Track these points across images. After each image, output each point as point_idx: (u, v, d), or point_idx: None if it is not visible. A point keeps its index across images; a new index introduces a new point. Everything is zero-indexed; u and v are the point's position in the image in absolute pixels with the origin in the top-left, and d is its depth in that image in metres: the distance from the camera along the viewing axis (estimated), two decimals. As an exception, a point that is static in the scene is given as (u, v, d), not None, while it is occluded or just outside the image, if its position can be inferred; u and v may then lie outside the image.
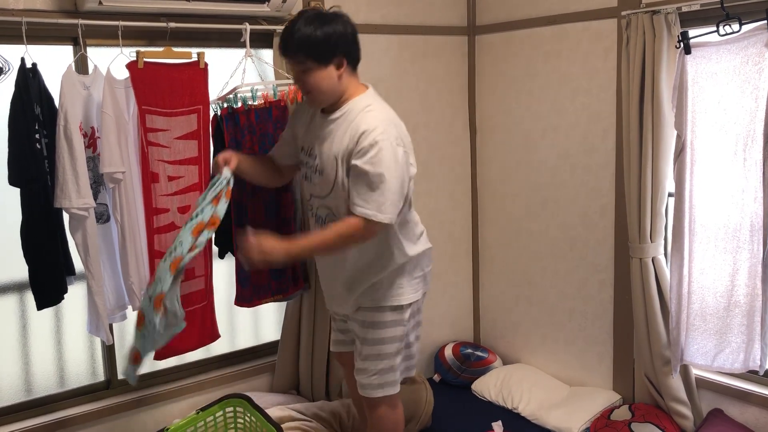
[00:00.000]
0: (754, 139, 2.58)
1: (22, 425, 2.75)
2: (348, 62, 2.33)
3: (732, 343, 2.73)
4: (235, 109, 2.81)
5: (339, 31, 2.28)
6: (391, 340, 2.51)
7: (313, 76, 2.29)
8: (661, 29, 2.74)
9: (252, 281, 2.92)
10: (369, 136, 2.25)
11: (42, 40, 2.62)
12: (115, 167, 2.54)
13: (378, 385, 2.53)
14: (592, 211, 3.34)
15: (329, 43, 2.26)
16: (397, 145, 2.28)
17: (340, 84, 2.33)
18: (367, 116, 2.31)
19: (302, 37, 2.24)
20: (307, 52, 2.26)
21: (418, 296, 2.55)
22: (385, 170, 2.24)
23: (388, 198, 2.25)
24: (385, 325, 2.50)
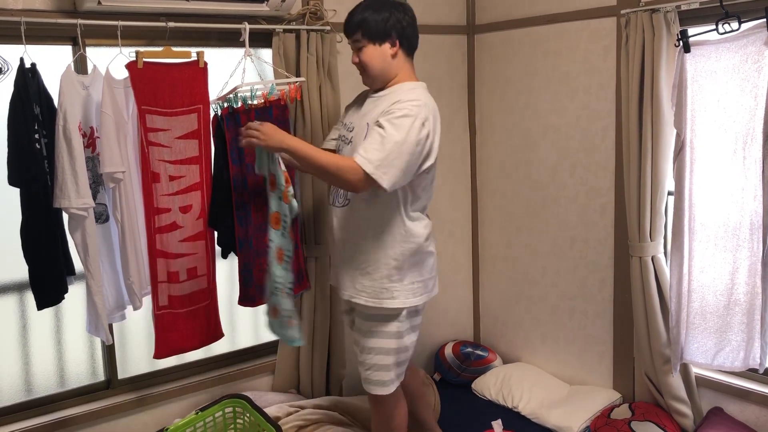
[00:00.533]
0: (754, 137, 2.58)
1: (22, 425, 2.75)
2: (401, 45, 2.47)
3: (732, 342, 2.73)
4: (236, 108, 2.81)
5: (395, 16, 2.44)
6: (386, 335, 2.53)
7: (367, 53, 2.46)
8: (661, 28, 2.75)
9: (255, 281, 2.92)
10: (403, 104, 2.35)
11: (41, 40, 2.62)
12: (115, 167, 2.54)
13: (373, 381, 2.56)
14: (592, 210, 3.34)
15: (385, 24, 2.43)
16: (423, 125, 2.34)
17: (392, 64, 2.47)
18: (409, 93, 2.42)
19: (360, 18, 2.44)
20: (364, 30, 2.44)
21: (417, 302, 2.54)
22: (401, 136, 2.29)
23: (391, 161, 2.27)
24: (376, 318, 2.52)
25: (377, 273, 2.49)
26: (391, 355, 2.54)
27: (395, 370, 2.57)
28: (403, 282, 2.49)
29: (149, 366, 3.11)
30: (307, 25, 3.11)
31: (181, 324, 2.78)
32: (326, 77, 3.16)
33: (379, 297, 2.49)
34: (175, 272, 2.74)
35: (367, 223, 2.49)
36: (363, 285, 2.52)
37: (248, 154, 2.81)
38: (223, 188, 2.83)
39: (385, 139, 2.28)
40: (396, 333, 2.53)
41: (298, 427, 3.01)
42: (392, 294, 2.49)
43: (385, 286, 2.49)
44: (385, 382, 2.56)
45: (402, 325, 2.53)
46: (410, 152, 2.31)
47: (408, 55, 2.52)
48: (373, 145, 2.29)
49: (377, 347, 2.54)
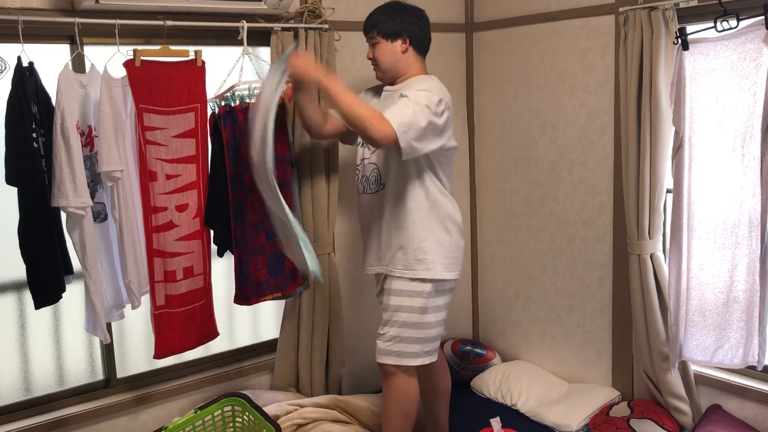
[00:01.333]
0: (752, 135, 2.57)
1: (21, 424, 2.75)
2: (411, 44, 2.68)
3: (731, 339, 2.73)
4: (233, 107, 2.80)
5: (409, 19, 2.68)
6: (408, 310, 2.66)
7: (380, 49, 2.69)
8: (659, 25, 2.74)
9: (251, 279, 2.91)
10: (421, 84, 2.58)
11: (39, 38, 2.61)
12: (113, 166, 2.54)
13: (388, 351, 2.68)
14: (591, 207, 3.34)
15: (398, 23, 2.66)
16: (440, 101, 2.54)
17: (402, 60, 2.69)
18: (423, 80, 2.64)
19: (377, 18, 2.70)
20: (379, 28, 2.67)
21: (449, 276, 2.69)
22: (421, 103, 2.48)
23: (411, 124, 2.45)
24: (403, 293, 2.68)
25: (412, 246, 2.66)
26: (414, 329, 2.66)
27: (417, 345, 2.67)
28: (437, 254, 2.66)
29: (148, 365, 3.10)
30: (306, 23, 3.10)
31: (178, 324, 2.78)
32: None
33: (414, 268, 2.66)
34: (172, 271, 2.74)
35: (401, 203, 2.67)
36: (399, 260, 2.69)
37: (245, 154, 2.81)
38: (219, 187, 2.82)
39: (409, 105, 2.48)
40: (420, 308, 2.65)
41: (298, 425, 3.01)
42: (427, 265, 2.65)
43: (418, 258, 2.65)
44: (403, 354, 2.67)
45: (428, 300, 2.65)
46: (427, 121, 2.49)
47: (419, 54, 2.73)
48: (399, 108, 2.48)
49: (401, 320, 2.66)
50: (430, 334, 2.69)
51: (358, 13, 3.37)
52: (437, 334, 2.73)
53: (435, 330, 2.71)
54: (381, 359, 2.71)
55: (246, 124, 2.82)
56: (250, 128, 2.53)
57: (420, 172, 2.65)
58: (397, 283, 2.70)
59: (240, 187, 2.83)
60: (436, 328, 2.71)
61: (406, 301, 2.67)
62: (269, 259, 2.95)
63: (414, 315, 2.66)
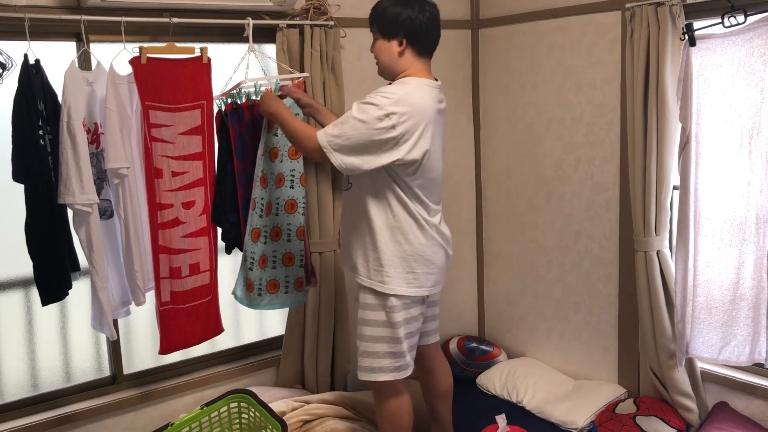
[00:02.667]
0: (760, 131, 2.56)
1: (28, 420, 2.77)
2: (409, 43, 2.51)
3: (738, 336, 2.72)
4: (239, 104, 2.80)
5: (408, 15, 2.48)
6: (371, 324, 2.57)
7: (377, 46, 2.57)
8: (666, 21, 2.73)
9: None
10: (377, 93, 2.43)
11: (45, 36, 2.62)
12: (119, 163, 2.54)
13: (363, 367, 2.60)
14: (597, 204, 3.33)
15: (395, 21, 2.49)
16: (387, 117, 2.38)
17: (398, 60, 2.53)
18: (395, 86, 2.48)
19: (376, 11, 2.55)
20: (377, 24, 2.55)
21: (409, 293, 2.55)
22: (361, 120, 2.39)
23: (345, 140, 2.40)
24: (366, 307, 2.59)
25: (371, 254, 2.56)
26: (382, 342, 2.56)
27: (388, 359, 2.56)
28: (395, 268, 2.53)
29: (154, 361, 3.12)
30: (311, 20, 3.10)
31: (184, 320, 2.78)
32: (330, 72, 3.16)
33: (372, 278, 2.56)
34: (178, 268, 2.74)
35: (363, 207, 2.56)
36: (360, 265, 2.60)
37: (252, 150, 2.82)
38: (227, 184, 2.83)
39: (348, 120, 2.41)
40: (386, 321, 2.55)
41: (303, 421, 3.02)
42: (382, 278, 2.53)
43: (375, 269, 2.55)
44: (373, 369, 2.58)
45: (394, 315, 2.54)
46: (366, 138, 2.39)
47: (419, 53, 2.54)
48: (337, 122, 2.45)
49: (368, 334, 2.58)
50: (401, 349, 2.56)
51: (363, 10, 3.34)
52: (410, 347, 2.61)
53: (407, 343, 2.58)
54: (358, 375, 2.63)
55: (251, 121, 2.83)
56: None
57: (379, 182, 2.50)
58: (361, 295, 2.60)
59: (248, 184, 2.83)
60: (407, 341, 2.58)
61: (370, 315, 2.57)
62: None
63: (379, 329, 2.56)
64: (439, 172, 2.62)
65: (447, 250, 2.67)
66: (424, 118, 2.45)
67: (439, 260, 2.62)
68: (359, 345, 2.61)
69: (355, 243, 2.61)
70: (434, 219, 2.61)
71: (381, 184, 2.51)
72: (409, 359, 2.62)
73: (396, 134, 2.39)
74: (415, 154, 2.44)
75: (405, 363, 2.60)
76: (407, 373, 2.63)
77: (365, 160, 2.42)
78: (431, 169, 2.54)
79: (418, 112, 2.43)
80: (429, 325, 2.81)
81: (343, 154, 2.42)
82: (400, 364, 2.58)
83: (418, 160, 2.46)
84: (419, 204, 2.55)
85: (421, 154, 2.46)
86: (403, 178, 2.49)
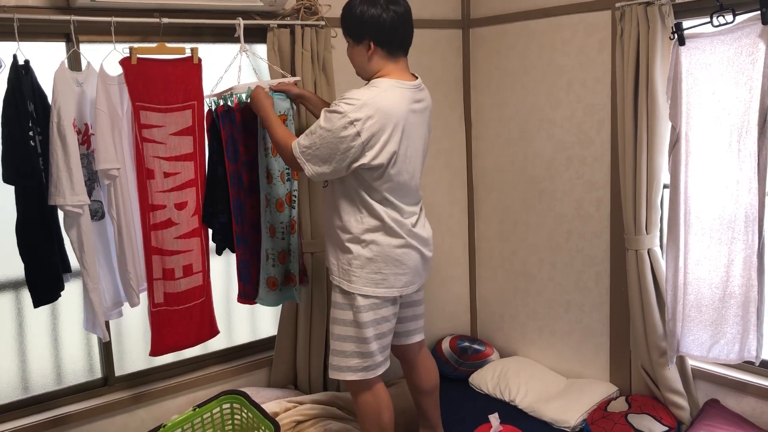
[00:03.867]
0: (749, 130, 2.58)
1: (19, 423, 2.75)
2: (377, 45, 2.47)
3: (727, 334, 2.74)
4: (231, 106, 2.80)
5: (371, 15, 2.43)
6: (340, 323, 2.59)
7: (349, 51, 2.56)
8: (655, 20, 2.74)
9: (252, 279, 2.91)
10: (341, 100, 2.41)
11: (34, 36, 2.61)
12: (110, 164, 2.53)
13: (332, 366, 2.62)
14: (588, 203, 3.34)
15: (359, 24, 2.46)
16: (352, 124, 2.37)
17: (370, 64, 2.51)
18: (360, 91, 2.44)
19: (342, 13, 2.52)
20: (344, 28, 2.54)
21: (377, 293, 2.54)
22: (326, 128, 2.40)
23: (314, 150, 2.42)
24: (335, 305, 2.62)
25: (341, 254, 2.58)
26: (349, 342, 2.57)
27: (355, 359, 2.57)
28: (363, 269, 2.53)
29: (146, 363, 3.11)
30: (302, 20, 3.10)
31: (177, 321, 2.78)
32: (321, 72, 3.16)
33: (341, 277, 2.58)
34: (171, 269, 2.74)
35: (335, 208, 2.59)
36: (332, 262, 2.63)
37: (243, 152, 2.81)
38: (218, 185, 2.82)
39: (316, 130, 2.43)
40: (353, 321, 2.55)
41: (296, 422, 3.02)
42: (350, 277, 2.55)
43: (344, 268, 2.57)
44: (340, 368, 2.59)
45: (361, 315, 2.54)
46: (333, 146, 2.40)
47: (390, 53, 2.49)
48: (307, 132, 2.46)
49: (336, 333, 2.60)
50: (369, 349, 2.55)
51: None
52: (381, 347, 2.60)
53: (376, 343, 2.57)
54: (329, 373, 2.65)
55: (242, 123, 2.82)
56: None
57: (347, 185, 2.51)
58: (333, 293, 2.63)
59: (239, 186, 2.83)
60: (377, 342, 2.57)
61: (338, 313, 2.59)
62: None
63: (347, 328, 2.56)
64: (412, 174, 2.58)
65: (422, 251, 2.64)
66: (391, 122, 2.42)
67: (411, 261, 2.60)
68: (331, 343, 2.64)
69: (329, 242, 2.66)
70: (408, 221, 2.58)
71: (348, 187, 2.52)
72: (380, 359, 2.61)
73: (362, 140, 2.38)
74: (381, 159, 2.42)
75: (374, 363, 2.59)
76: (377, 373, 2.62)
77: (333, 169, 2.44)
78: (400, 172, 2.51)
79: (384, 116, 2.40)
80: (410, 325, 2.81)
81: (314, 164, 2.44)
82: (368, 364, 2.58)
83: (384, 165, 2.44)
84: (389, 207, 2.53)
85: (387, 159, 2.43)
86: (369, 183, 2.48)
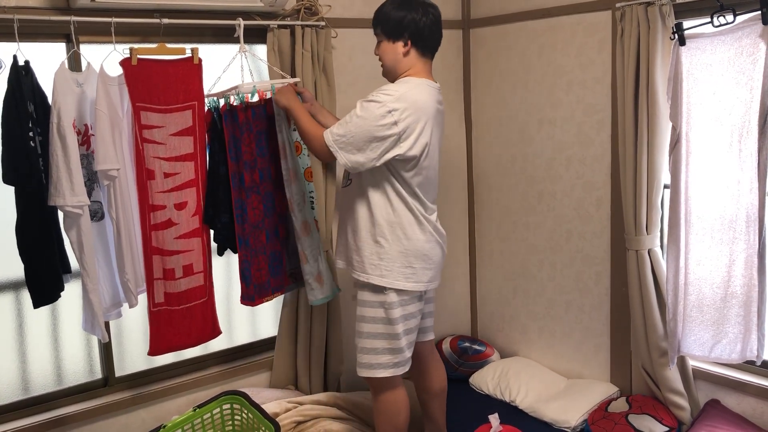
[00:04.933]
0: (749, 130, 2.58)
1: (19, 424, 2.75)
2: (414, 44, 2.57)
3: (729, 334, 2.73)
4: (234, 106, 2.79)
5: (412, 17, 2.55)
6: (370, 320, 2.61)
7: (382, 47, 2.62)
8: (656, 20, 2.74)
9: (253, 280, 2.91)
10: (378, 92, 2.51)
11: (34, 37, 2.61)
12: (109, 164, 2.53)
13: (362, 364, 2.64)
14: (588, 203, 3.34)
15: (400, 23, 2.55)
16: (389, 113, 2.45)
17: (402, 61, 2.59)
18: (396, 85, 2.55)
19: (381, 13, 2.60)
20: (381, 26, 2.60)
21: (407, 287, 2.59)
22: (364, 118, 2.46)
23: (349, 139, 2.48)
24: (364, 303, 2.63)
25: (370, 248, 2.59)
26: (380, 339, 2.60)
27: (386, 356, 2.60)
28: (395, 262, 2.57)
29: (146, 363, 3.10)
30: (302, 20, 3.10)
31: (177, 321, 2.77)
32: (321, 73, 3.15)
33: (371, 273, 2.59)
34: (171, 269, 2.73)
35: (363, 203, 2.61)
36: (358, 260, 2.63)
37: (245, 152, 2.81)
38: (219, 185, 2.82)
39: (351, 119, 2.49)
40: (384, 318, 2.58)
41: (297, 422, 3.01)
42: (381, 271, 2.57)
43: (374, 263, 2.59)
44: (372, 365, 2.62)
45: (392, 311, 2.58)
46: (370, 135, 2.45)
47: (423, 54, 2.61)
48: (341, 122, 2.52)
49: (366, 331, 2.62)
50: (399, 345, 2.60)
51: (354, 10, 3.36)
52: (408, 343, 2.65)
53: (405, 339, 2.62)
54: (357, 371, 2.67)
55: (245, 123, 2.82)
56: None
57: (377, 177, 2.56)
58: (359, 292, 2.65)
59: (241, 187, 2.83)
60: (406, 337, 2.62)
61: (368, 311, 2.61)
62: (270, 259, 2.95)
63: (378, 326, 2.60)
64: (436, 171, 2.67)
65: (443, 248, 2.72)
66: (424, 115, 2.52)
67: (436, 257, 2.67)
68: (358, 342, 2.64)
69: (354, 238, 2.65)
70: (432, 216, 2.67)
71: (381, 180, 2.56)
72: (408, 355, 2.66)
73: (398, 130, 2.46)
74: (415, 150, 2.50)
75: (404, 359, 2.64)
76: (405, 369, 2.66)
77: (369, 157, 2.48)
78: (429, 166, 2.61)
79: (418, 109, 2.49)
80: (425, 322, 2.84)
81: (348, 153, 2.49)
82: (398, 360, 2.62)
83: (418, 156, 2.53)
84: (417, 201, 2.60)
85: (420, 150, 2.52)
86: (402, 174, 2.55)
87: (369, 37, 3.38)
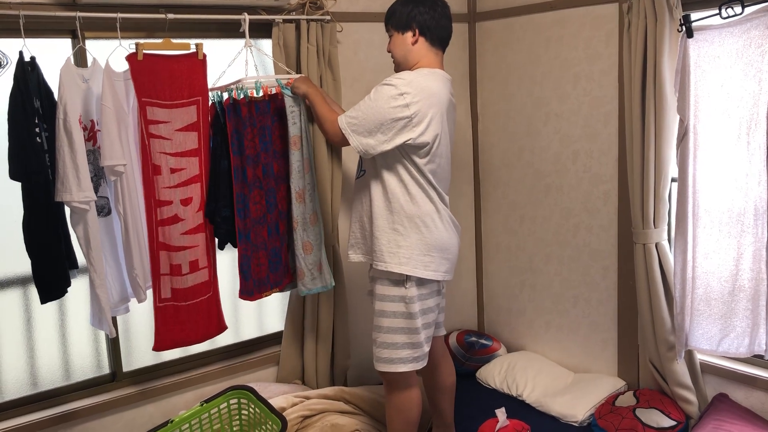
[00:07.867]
0: (758, 122, 2.56)
1: (28, 419, 2.76)
2: (421, 34, 2.61)
3: (737, 328, 2.72)
4: (237, 100, 2.79)
5: (420, 10, 2.61)
6: (389, 315, 2.61)
7: (393, 41, 2.67)
8: (663, 13, 2.72)
9: (253, 275, 2.91)
10: (392, 77, 2.56)
11: (40, 33, 2.61)
12: (116, 160, 2.53)
13: (382, 359, 2.63)
14: (595, 197, 3.33)
15: (408, 14, 2.61)
16: (402, 95, 2.48)
17: (412, 51, 2.63)
18: (408, 72, 2.59)
19: (390, 10, 2.67)
20: (392, 21, 2.66)
21: (426, 275, 2.59)
22: (375, 99, 2.52)
23: (362, 122, 2.53)
24: (383, 298, 2.62)
25: (388, 237, 2.60)
26: (400, 333, 2.60)
27: (406, 350, 2.61)
28: (413, 250, 2.57)
29: (154, 358, 3.12)
30: (307, 15, 3.09)
31: (184, 317, 2.78)
32: (327, 67, 3.15)
33: (389, 261, 2.58)
34: (178, 265, 2.74)
35: (380, 192, 2.61)
36: (376, 250, 2.62)
37: (248, 146, 2.81)
38: (222, 179, 2.82)
39: (365, 102, 2.54)
40: (404, 312, 2.59)
41: (303, 416, 3.02)
42: (400, 259, 2.57)
43: (392, 251, 2.59)
44: (392, 360, 2.61)
45: (412, 305, 2.58)
46: (381, 117, 2.49)
47: (432, 45, 2.64)
48: (355, 106, 2.57)
49: (384, 326, 2.62)
50: (419, 339, 2.62)
51: (360, 5, 3.36)
52: (427, 337, 2.66)
53: (424, 333, 2.63)
54: (375, 366, 2.67)
55: (249, 117, 2.82)
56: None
57: (392, 165, 2.57)
58: (377, 286, 2.64)
59: (243, 181, 2.83)
60: (425, 331, 2.64)
61: (388, 306, 2.61)
62: (270, 254, 2.95)
63: (396, 320, 2.60)
64: (449, 162, 2.69)
65: (458, 239, 2.73)
66: (436, 103, 2.54)
67: (453, 247, 2.69)
68: (376, 337, 2.64)
69: (369, 228, 2.66)
70: (447, 207, 2.69)
71: (397, 167, 2.57)
72: (426, 350, 2.67)
73: (410, 113, 2.48)
74: (426, 137, 2.52)
75: (423, 353, 2.65)
76: (424, 364, 2.67)
77: (379, 140, 2.51)
78: (441, 155, 2.62)
79: (430, 95, 2.53)
80: (438, 317, 2.84)
81: (360, 135, 2.53)
82: (418, 354, 2.63)
83: (430, 143, 2.54)
84: (433, 191, 2.62)
85: (432, 137, 2.54)
86: (416, 162, 2.56)
87: (374, 31, 3.39)
